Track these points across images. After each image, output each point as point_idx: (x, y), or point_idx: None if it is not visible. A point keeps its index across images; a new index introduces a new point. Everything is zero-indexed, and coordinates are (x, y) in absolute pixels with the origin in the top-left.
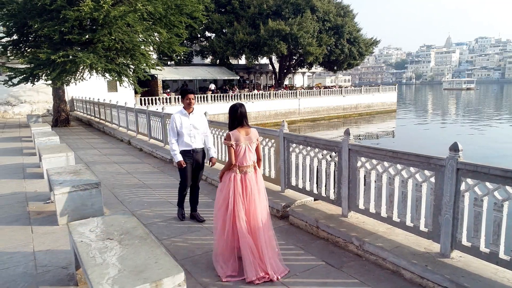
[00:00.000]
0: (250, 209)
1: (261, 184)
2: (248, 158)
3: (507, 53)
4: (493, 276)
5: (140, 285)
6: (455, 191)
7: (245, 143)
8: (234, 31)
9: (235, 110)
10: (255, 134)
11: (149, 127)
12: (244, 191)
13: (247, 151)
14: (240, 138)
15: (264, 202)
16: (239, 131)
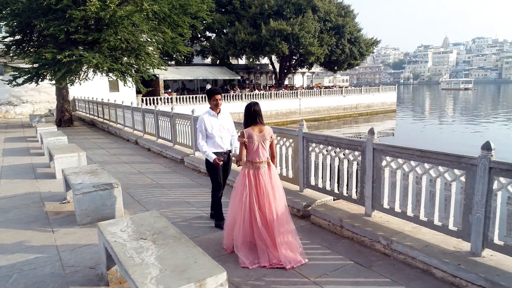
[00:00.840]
0: (264, 203)
1: (275, 180)
2: (261, 154)
3: (504, 54)
4: None
5: (185, 285)
6: (487, 190)
7: (258, 140)
8: (236, 31)
9: (249, 108)
10: (268, 132)
11: (157, 127)
12: (258, 186)
13: (260, 148)
14: (253, 136)
15: (279, 197)
16: (253, 129)
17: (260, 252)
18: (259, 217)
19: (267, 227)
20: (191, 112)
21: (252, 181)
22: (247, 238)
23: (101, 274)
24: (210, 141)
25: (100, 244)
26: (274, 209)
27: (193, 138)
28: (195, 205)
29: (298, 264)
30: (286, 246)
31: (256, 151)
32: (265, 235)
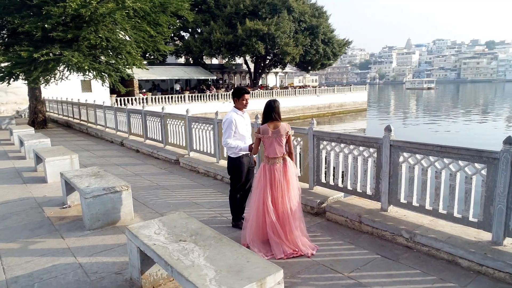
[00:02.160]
0: (277, 197)
1: (290, 175)
2: (276, 150)
3: (462, 55)
4: None
5: (247, 285)
6: (509, 182)
7: (273, 136)
8: (211, 30)
9: (266, 106)
10: (284, 128)
11: (145, 127)
12: (273, 180)
13: (275, 144)
14: (267, 132)
15: (293, 192)
16: (268, 125)
17: (273, 245)
18: (272, 211)
19: (279, 221)
20: (186, 112)
21: (267, 175)
22: (259, 231)
23: (130, 279)
24: (237, 141)
25: (130, 248)
26: (287, 203)
27: (188, 138)
28: (205, 206)
29: (315, 250)
30: (302, 237)
31: (271, 147)
32: (278, 228)
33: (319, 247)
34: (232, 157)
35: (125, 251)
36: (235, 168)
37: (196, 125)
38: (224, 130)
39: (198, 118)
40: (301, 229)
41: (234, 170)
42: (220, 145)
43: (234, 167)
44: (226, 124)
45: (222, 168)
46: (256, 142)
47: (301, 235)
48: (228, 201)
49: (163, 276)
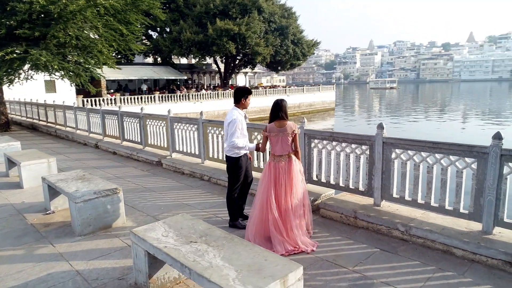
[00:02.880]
0: (281, 194)
1: (294, 174)
2: (281, 148)
3: (421, 56)
4: None
5: (272, 283)
6: (498, 174)
7: (279, 135)
8: (181, 29)
9: (274, 105)
10: (290, 127)
11: (122, 128)
12: (277, 177)
13: (281, 142)
14: (273, 130)
15: (296, 190)
16: (275, 124)
17: (275, 242)
18: (275, 207)
19: (282, 217)
20: (167, 112)
21: (272, 173)
22: (262, 228)
23: (135, 284)
24: (243, 140)
25: (136, 252)
26: (289, 200)
27: (170, 139)
28: (197, 207)
29: (315, 246)
30: (302, 236)
31: (277, 145)
32: (280, 225)
33: (319, 243)
34: (234, 157)
35: (123, 255)
36: (237, 168)
37: (179, 125)
38: (232, 131)
39: (181, 118)
40: (301, 227)
41: (235, 170)
42: (205, 146)
43: (236, 167)
44: (233, 124)
45: (208, 168)
46: (263, 140)
47: (301, 234)
48: (221, 201)
49: (170, 279)
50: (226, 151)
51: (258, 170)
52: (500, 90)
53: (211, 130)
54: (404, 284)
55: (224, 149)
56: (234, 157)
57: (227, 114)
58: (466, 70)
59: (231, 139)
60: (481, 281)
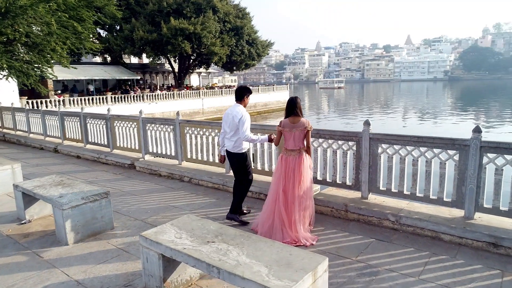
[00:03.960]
0: (288, 187)
1: (304, 169)
2: (293, 143)
3: (365, 57)
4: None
5: (305, 275)
6: (478, 164)
7: (293, 130)
8: (133, 28)
9: (289, 102)
10: (302, 123)
11: (85, 131)
12: (286, 170)
13: (293, 137)
14: (287, 125)
15: (304, 184)
16: (288, 120)
17: (275, 230)
18: (281, 198)
19: (287, 208)
20: (139, 113)
21: (283, 165)
22: (269, 216)
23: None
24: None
25: (147, 256)
26: (296, 193)
27: (142, 141)
28: (185, 208)
29: (315, 240)
30: (304, 228)
31: (289, 140)
32: (283, 214)
33: (318, 237)
34: (242, 152)
35: (122, 261)
36: (244, 161)
37: (152, 126)
38: (245, 126)
39: (155, 119)
40: (303, 222)
41: (243, 164)
42: (182, 147)
43: (244, 161)
44: (245, 120)
45: (188, 169)
46: (277, 134)
47: (302, 229)
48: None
49: (182, 282)
50: (231, 148)
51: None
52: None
53: (189, 130)
54: (406, 269)
55: (227, 147)
56: (242, 152)
57: (230, 111)
58: (405, 71)
59: (244, 134)
60: (472, 261)
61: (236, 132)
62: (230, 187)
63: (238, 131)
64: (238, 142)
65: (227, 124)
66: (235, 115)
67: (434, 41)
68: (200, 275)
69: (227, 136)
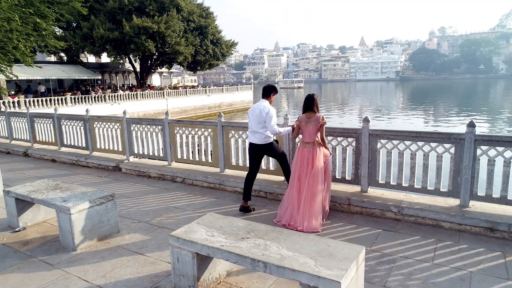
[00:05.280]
0: (301, 175)
1: (317, 160)
2: (308, 136)
3: (322, 58)
4: (504, 212)
5: (351, 264)
6: (473, 156)
7: (308, 125)
8: (92, 26)
9: (307, 99)
10: (316, 118)
11: (60, 133)
12: (302, 161)
13: (308, 131)
14: (303, 120)
15: (315, 174)
16: (305, 115)
17: (287, 212)
18: (295, 185)
19: (299, 195)
20: (123, 113)
21: (299, 156)
22: (287, 201)
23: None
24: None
25: (178, 255)
26: (307, 182)
27: (126, 142)
28: (187, 209)
29: (309, 230)
30: (306, 215)
31: (304, 133)
32: (294, 200)
33: (327, 231)
34: (271, 141)
35: (141, 264)
36: (275, 147)
37: (137, 127)
38: (273, 120)
39: (141, 119)
40: (311, 210)
41: (276, 149)
42: (172, 147)
43: (274, 147)
44: (272, 115)
45: (180, 170)
46: (296, 128)
47: (308, 216)
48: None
49: (212, 280)
50: (261, 140)
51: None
52: (388, 89)
53: (179, 130)
54: (419, 256)
55: (254, 140)
56: (272, 141)
57: (257, 106)
58: (360, 71)
59: (273, 128)
60: (474, 245)
61: (264, 125)
62: (227, 186)
63: (265, 124)
64: (272, 132)
65: (253, 117)
66: (263, 109)
67: (386, 43)
68: (227, 273)
69: (253, 129)
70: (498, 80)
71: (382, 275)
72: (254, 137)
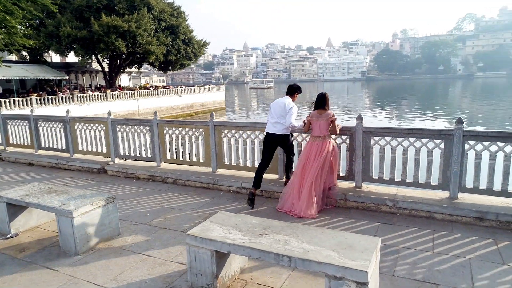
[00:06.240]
0: (306, 165)
1: (324, 153)
2: (318, 130)
3: (290, 58)
4: (490, 202)
5: (371, 254)
6: (461, 151)
7: (318, 120)
8: (58, 24)
9: (319, 97)
10: (327, 114)
11: (37, 135)
12: (310, 153)
13: (318, 126)
14: (314, 116)
15: (319, 166)
16: (316, 112)
17: (288, 199)
18: (299, 174)
19: (301, 184)
20: (107, 114)
21: (308, 148)
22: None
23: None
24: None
25: (197, 254)
26: (312, 173)
27: (111, 143)
28: (185, 209)
29: (306, 216)
30: (305, 203)
31: (315, 128)
32: (296, 187)
33: (328, 226)
34: (287, 134)
35: (151, 266)
36: (291, 141)
37: (124, 128)
38: (293, 115)
39: (127, 120)
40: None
41: (291, 142)
42: (161, 148)
43: (290, 140)
44: (294, 111)
45: (171, 170)
46: (307, 123)
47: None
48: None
49: (228, 277)
50: (280, 131)
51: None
52: (355, 88)
53: (169, 130)
54: (420, 246)
55: (275, 131)
56: (287, 134)
57: (282, 100)
58: (328, 71)
59: (291, 121)
60: (467, 234)
61: (285, 118)
62: (221, 186)
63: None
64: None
65: (278, 109)
66: (287, 104)
67: (352, 44)
68: (240, 270)
69: (274, 120)
70: (456, 80)
71: (390, 265)
72: (274, 127)
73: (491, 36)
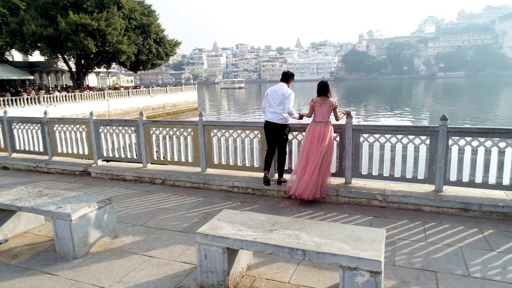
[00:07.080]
0: (310, 151)
1: (326, 138)
2: (321, 116)
3: (261, 58)
4: (473, 194)
5: (380, 245)
6: (446, 146)
7: (321, 106)
8: (22, 21)
9: (321, 85)
10: (329, 102)
11: (10, 138)
12: (313, 138)
13: (321, 111)
14: (318, 101)
15: (321, 152)
16: (319, 98)
17: (294, 184)
18: (303, 159)
19: (306, 168)
20: (90, 114)
21: (311, 133)
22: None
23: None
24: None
25: (207, 252)
26: (314, 158)
27: (95, 145)
28: (179, 209)
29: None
30: (309, 187)
31: (317, 113)
32: (301, 172)
33: (324, 221)
34: (287, 124)
35: (155, 266)
36: (287, 131)
37: (107, 128)
38: (291, 102)
39: (111, 120)
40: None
41: (287, 135)
42: (147, 148)
43: (287, 131)
44: (292, 98)
45: (159, 171)
46: (310, 109)
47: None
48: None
49: (237, 274)
50: (277, 120)
51: (249, 169)
52: None
53: (156, 131)
54: (413, 237)
55: (273, 119)
56: (286, 123)
57: (278, 88)
58: (298, 72)
59: (289, 108)
60: (454, 224)
61: (283, 106)
62: (212, 185)
63: (284, 105)
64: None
65: (276, 98)
66: (285, 92)
67: (320, 44)
68: (247, 266)
69: (273, 109)
70: (419, 80)
71: (389, 256)
72: (272, 115)
73: (450, 38)
